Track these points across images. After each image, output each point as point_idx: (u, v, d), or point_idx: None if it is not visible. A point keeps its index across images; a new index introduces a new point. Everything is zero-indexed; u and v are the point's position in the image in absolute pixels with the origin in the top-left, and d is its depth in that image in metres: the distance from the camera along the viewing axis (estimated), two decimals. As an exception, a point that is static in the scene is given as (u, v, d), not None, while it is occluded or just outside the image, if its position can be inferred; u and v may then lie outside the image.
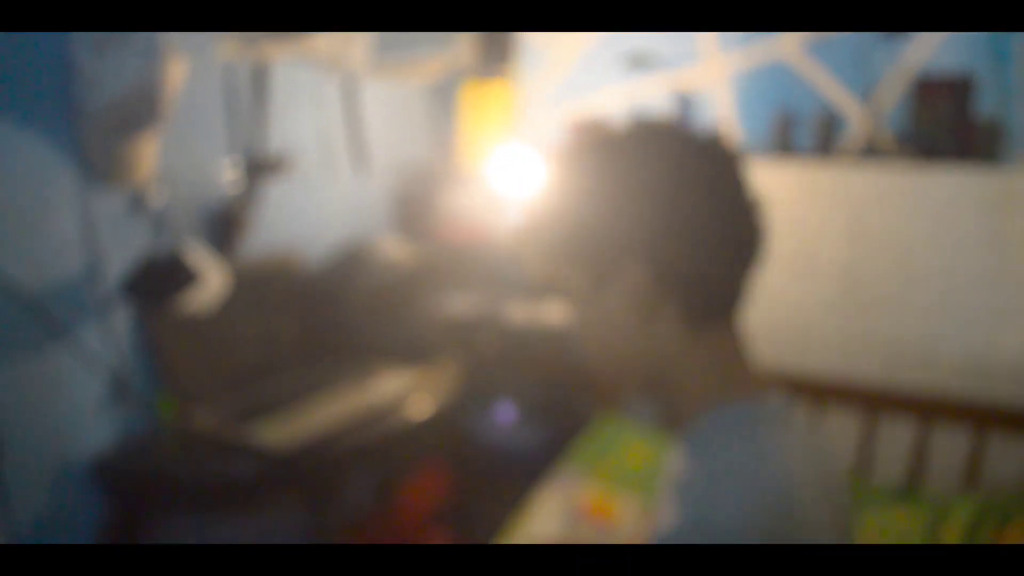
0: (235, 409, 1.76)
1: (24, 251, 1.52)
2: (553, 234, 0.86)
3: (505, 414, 2.33)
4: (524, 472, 2.31)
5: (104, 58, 1.51)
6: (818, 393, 2.18)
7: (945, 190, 2.25)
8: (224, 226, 1.89)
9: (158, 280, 1.68)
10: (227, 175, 1.91)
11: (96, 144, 1.62)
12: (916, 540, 1.85)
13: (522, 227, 0.89)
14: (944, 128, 2.18)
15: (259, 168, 1.94)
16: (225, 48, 1.88)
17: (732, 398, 0.83)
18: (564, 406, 2.40)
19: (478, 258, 2.47)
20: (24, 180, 1.52)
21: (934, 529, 1.89)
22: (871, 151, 2.32)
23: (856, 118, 2.28)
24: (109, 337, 1.68)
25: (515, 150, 2.45)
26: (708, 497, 0.75)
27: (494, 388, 2.18)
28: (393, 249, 2.23)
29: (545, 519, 1.92)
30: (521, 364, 2.27)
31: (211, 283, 1.72)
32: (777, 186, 2.44)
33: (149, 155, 1.69)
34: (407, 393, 1.85)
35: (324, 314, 2.05)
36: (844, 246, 2.39)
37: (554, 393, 2.23)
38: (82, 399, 1.64)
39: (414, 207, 2.54)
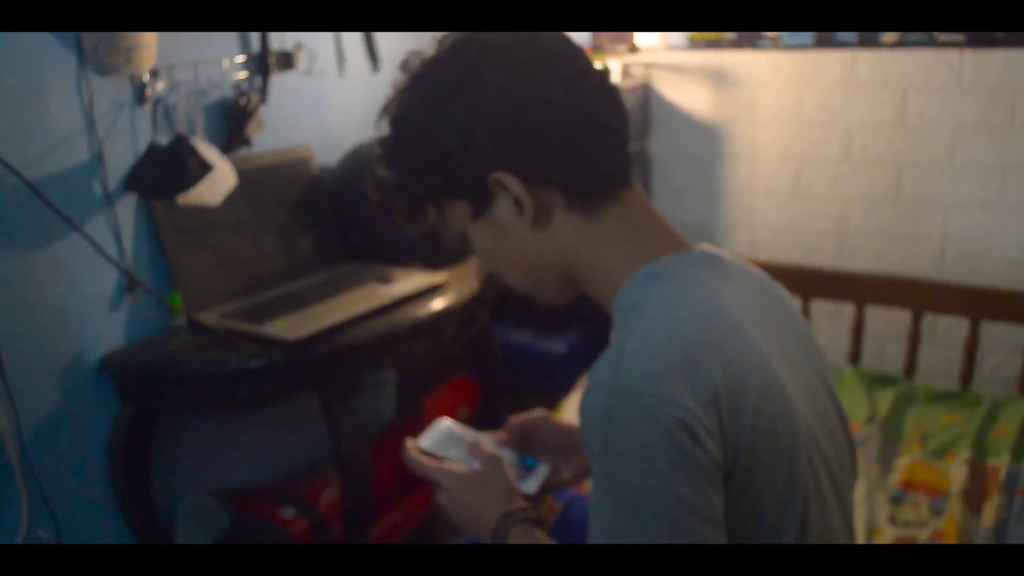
0: (247, 308, 1.71)
1: (26, 140, 1.47)
2: (416, 188, 0.85)
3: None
4: (553, 380, 2.24)
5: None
6: (861, 292, 2.06)
7: (997, 72, 2.10)
8: (232, 121, 1.82)
9: (163, 172, 1.62)
10: (236, 70, 1.83)
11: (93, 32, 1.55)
12: (966, 440, 1.77)
13: (382, 195, 0.88)
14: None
15: (269, 64, 1.87)
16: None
17: (646, 261, 0.81)
18: (594, 311, 2.32)
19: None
20: (22, 68, 1.45)
21: (985, 428, 1.80)
22: (917, 34, 2.17)
23: None
24: (116, 231, 1.62)
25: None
26: (618, 347, 0.73)
27: (519, 292, 2.11)
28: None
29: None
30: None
31: (217, 176, 1.66)
32: (815, 75, 2.30)
33: (149, 45, 1.62)
34: (426, 290, 1.78)
35: (341, 216, 1.98)
36: (888, 136, 2.26)
37: (583, 297, 2.15)
38: (91, 294, 1.59)
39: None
